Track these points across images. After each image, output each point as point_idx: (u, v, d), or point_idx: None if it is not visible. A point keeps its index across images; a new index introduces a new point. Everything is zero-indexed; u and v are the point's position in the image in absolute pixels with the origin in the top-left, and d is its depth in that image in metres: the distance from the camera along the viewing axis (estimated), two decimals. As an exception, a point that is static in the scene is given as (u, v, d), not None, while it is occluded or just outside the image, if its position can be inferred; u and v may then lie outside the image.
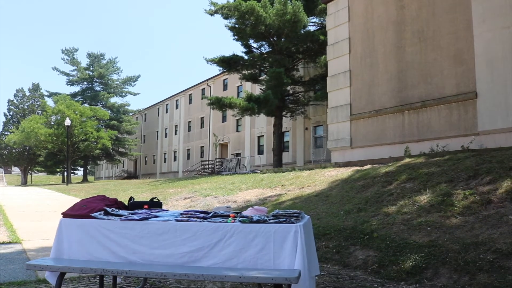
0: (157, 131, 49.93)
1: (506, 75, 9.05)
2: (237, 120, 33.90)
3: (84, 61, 64.49)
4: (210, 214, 3.22)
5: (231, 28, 22.64)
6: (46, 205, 13.73)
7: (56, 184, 40.16)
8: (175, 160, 44.98)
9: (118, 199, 3.87)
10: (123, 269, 2.87)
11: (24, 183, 51.47)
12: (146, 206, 3.84)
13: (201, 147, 40.28)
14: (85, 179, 48.07)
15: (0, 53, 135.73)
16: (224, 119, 36.10)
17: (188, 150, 42.59)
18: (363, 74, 12.47)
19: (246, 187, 12.39)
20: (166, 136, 47.73)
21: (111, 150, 47.63)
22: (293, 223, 2.85)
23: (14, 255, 5.53)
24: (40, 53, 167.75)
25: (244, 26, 21.70)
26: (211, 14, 22.52)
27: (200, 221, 3.06)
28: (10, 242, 6.57)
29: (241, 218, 3.01)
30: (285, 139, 27.71)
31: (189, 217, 3.18)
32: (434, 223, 5.28)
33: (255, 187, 12.06)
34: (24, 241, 6.66)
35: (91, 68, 52.20)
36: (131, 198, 4.07)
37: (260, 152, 31.26)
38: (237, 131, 34.70)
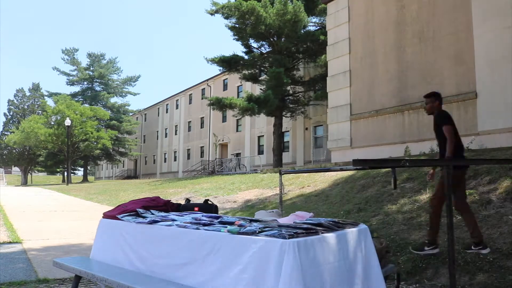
0: (157, 131, 49.93)
1: (506, 75, 9.05)
2: (237, 120, 33.90)
3: (84, 61, 64.45)
4: (218, 220, 2.85)
5: (232, 28, 22.65)
6: (46, 205, 13.74)
7: (56, 184, 40.16)
8: (175, 160, 44.98)
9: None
10: (117, 281, 2.63)
11: (24, 183, 51.48)
12: (196, 209, 3.57)
13: (201, 147, 40.28)
14: (85, 179, 48.07)
15: (0, 53, 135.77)
16: (224, 119, 36.10)
17: (188, 150, 42.59)
18: (363, 74, 12.47)
19: (246, 187, 12.39)
20: (166, 136, 47.72)
21: (111, 150, 47.65)
22: (284, 237, 2.12)
23: (14, 255, 5.53)
24: (40, 53, 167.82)
25: (245, 26, 21.71)
26: (212, 14, 22.55)
27: (195, 229, 2.64)
28: (10, 242, 6.57)
29: (232, 227, 2.48)
30: (285, 139, 27.70)
31: (191, 222, 2.84)
32: (434, 223, 5.28)
33: (255, 187, 12.06)
34: (24, 241, 6.66)
35: (91, 68, 52.22)
36: (186, 199, 3.92)
37: (260, 152, 31.26)
38: (237, 131, 34.70)
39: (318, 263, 2.18)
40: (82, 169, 53.82)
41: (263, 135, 31.04)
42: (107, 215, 3.38)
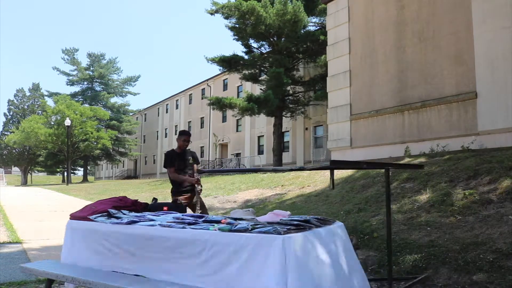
0: (157, 131, 49.92)
1: (506, 75, 9.04)
2: (237, 120, 33.90)
3: (84, 61, 64.40)
4: (202, 219, 2.85)
5: (232, 28, 22.65)
6: (46, 205, 13.74)
7: (56, 184, 40.15)
8: (175, 160, 44.91)
9: (139, 200, 3.69)
10: (100, 282, 2.60)
11: (24, 183, 51.48)
12: (165, 208, 3.60)
13: (201, 147, 40.27)
14: (85, 179, 48.06)
15: (0, 53, 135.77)
16: (224, 119, 36.10)
17: (188, 150, 42.53)
18: (363, 74, 12.47)
19: (246, 187, 12.39)
20: (166, 136, 47.72)
21: (111, 150, 47.66)
22: (279, 233, 2.22)
23: (14, 255, 5.54)
24: (40, 53, 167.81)
25: (245, 26, 21.71)
26: (212, 14, 22.55)
27: (181, 227, 2.64)
28: (10, 242, 6.57)
29: (222, 226, 2.51)
30: (285, 139, 27.70)
31: (175, 222, 2.81)
32: (434, 223, 5.28)
33: (255, 187, 12.07)
34: (24, 241, 6.66)
35: (91, 68, 52.23)
36: (154, 199, 3.93)
37: (260, 152, 31.26)
38: (237, 131, 34.70)
39: (312, 257, 2.30)
40: (82, 169, 53.83)
41: (263, 135, 31.04)
42: (76, 216, 3.29)
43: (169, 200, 4.86)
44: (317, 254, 2.35)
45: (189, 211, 4.69)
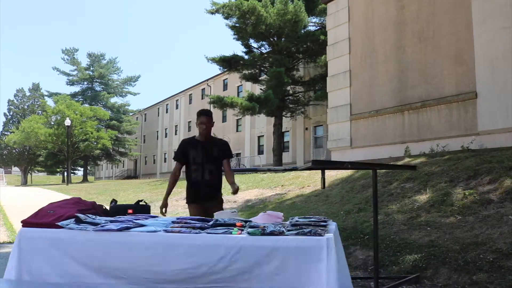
0: (157, 131, 49.92)
1: (506, 75, 9.04)
2: (237, 120, 33.90)
3: (84, 61, 64.29)
4: (210, 223, 2.65)
5: (232, 28, 22.64)
6: (46, 205, 13.73)
7: (56, 184, 40.16)
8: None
9: (97, 202, 3.28)
10: None
11: (24, 183, 51.48)
12: (130, 211, 3.28)
13: (201, 147, 40.24)
14: (85, 179, 48.07)
15: (0, 53, 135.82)
16: (224, 119, 36.10)
17: (188, 150, 42.55)
18: (363, 74, 12.47)
19: (246, 187, 12.39)
20: (166, 136, 47.72)
21: (111, 150, 47.66)
22: (320, 235, 2.27)
23: (14, 255, 5.53)
24: (40, 53, 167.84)
25: (245, 26, 21.70)
26: (212, 13, 22.54)
27: (196, 233, 2.48)
28: (10, 242, 6.57)
29: (250, 229, 2.42)
30: (285, 139, 27.69)
31: (182, 226, 2.61)
32: (434, 223, 5.28)
33: (255, 187, 12.06)
34: (24, 241, 6.65)
35: (91, 68, 52.22)
36: (113, 201, 3.59)
37: (260, 152, 31.26)
38: (237, 131, 34.70)
39: (340, 256, 2.41)
40: (82, 169, 53.83)
41: (263, 135, 31.04)
42: (31, 223, 2.75)
43: (168, 201, 3.99)
44: (339, 253, 2.44)
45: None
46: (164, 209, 3.90)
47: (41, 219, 2.79)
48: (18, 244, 2.67)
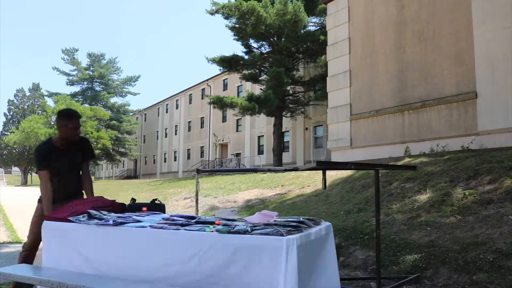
0: (157, 131, 49.93)
1: (506, 75, 9.04)
2: (237, 120, 33.90)
3: (84, 61, 64.40)
4: (194, 220, 2.74)
5: (232, 28, 22.65)
6: (46, 205, 13.73)
7: (56, 184, 40.11)
8: (175, 160, 44.98)
9: (118, 201, 3.48)
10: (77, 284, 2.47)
11: (24, 183, 51.48)
12: (145, 209, 3.44)
13: (201, 147, 40.29)
14: (85, 179, 48.02)
15: (0, 53, 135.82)
16: (224, 119, 36.10)
17: (188, 150, 42.58)
18: (363, 74, 12.47)
19: (246, 187, 12.39)
20: (166, 136, 47.73)
21: (111, 150, 47.65)
22: (282, 235, 2.21)
23: (14, 255, 5.53)
24: (40, 53, 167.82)
25: (245, 26, 21.71)
26: (212, 14, 22.55)
27: (175, 229, 2.55)
28: (10, 242, 6.57)
29: (219, 227, 2.46)
30: (285, 139, 27.70)
31: (165, 223, 2.72)
32: (434, 223, 5.28)
33: (255, 187, 12.07)
34: (24, 241, 6.66)
35: (91, 68, 52.24)
36: (132, 199, 3.75)
37: (260, 152, 31.26)
38: (237, 131, 34.70)
39: (308, 258, 2.34)
40: (82, 169, 53.72)
41: (263, 135, 31.04)
42: (52, 217, 3.09)
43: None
44: (312, 255, 2.40)
45: None
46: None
47: (58, 214, 3.09)
48: (44, 236, 3.07)
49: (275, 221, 2.60)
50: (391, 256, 4.73)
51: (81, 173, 3.74)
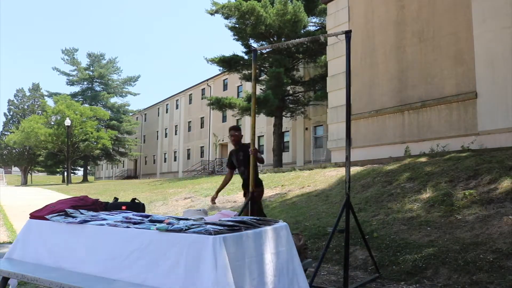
0: (157, 131, 49.91)
1: (506, 75, 9.04)
2: (237, 120, 33.90)
3: (84, 61, 64.45)
4: (148, 219, 2.92)
5: (232, 28, 22.65)
6: (46, 205, 13.73)
7: (56, 184, 40.14)
8: (175, 160, 44.97)
9: (99, 200, 3.71)
10: (34, 276, 2.74)
11: (24, 183, 51.45)
12: (124, 207, 3.61)
13: (201, 147, 40.27)
14: (85, 179, 48.07)
15: (0, 53, 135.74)
16: (224, 119, 36.09)
17: (188, 150, 42.58)
18: (363, 74, 12.47)
19: (246, 187, 12.37)
20: (166, 136, 47.72)
21: (111, 150, 47.62)
22: (210, 234, 2.30)
23: (14, 255, 5.53)
24: (40, 53, 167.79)
25: (245, 26, 21.71)
26: (212, 14, 22.54)
27: (125, 227, 2.74)
28: (10, 242, 6.57)
29: (160, 225, 2.60)
30: (285, 139, 27.69)
31: (123, 221, 2.92)
32: (434, 223, 5.28)
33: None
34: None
35: (91, 68, 52.19)
36: (115, 198, 3.91)
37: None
38: (237, 131, 34.67)
39: (242, 257, 2.39)
40: (82, 169, 53.82)
41: (263, 135, 31.04)
42: (35, 216, 3.31)
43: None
44: (244, 254, 2.42)
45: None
46: (213, 201, 5.52)
47: (40, 212, 3.27)
48: (21, 231, 3.31)
49: (220, 220, 2.70)
50: (391, 256, 4.73)
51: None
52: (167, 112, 47.91)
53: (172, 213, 9.70)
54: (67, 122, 33.73)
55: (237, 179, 15.82)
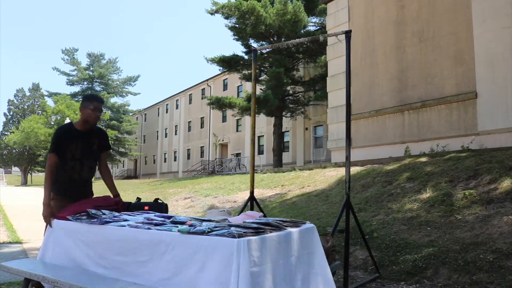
0: (157, 131, 49.92)
1: (506, 75, 9.05)
2: (237, 120, 33.90)
3: (84, 61, 64.40)
4: (170, 220, 2.86)
5: (232, 28, 22.66)
6: (46, 205, 13.73)
7: (56, 184, 40.08)
8: (175, 160, 44.97)
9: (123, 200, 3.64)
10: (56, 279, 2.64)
11: (24, 183, 51.46)
12: (146, 208, 3.54)
13: (201, 147, 40.28)
14: (85, 179, 48.00)
15: (0, 53, 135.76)
16: (224, 119, 36.10)
17: (188, 150, 42.58)
18: (363, 74, 12.47)
19: (246, 187, 12.38)
20: (166, 136, 47.72)
21: (111, 150, 47.63)
22: (234, 237, 2.20)
23: (14, 255, 5.53)
24: (40, 53, 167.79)
25: (245, 26, 21.72)
26: (212, 14, 22.56)
27: (147, 229, 2.67)
28: (10, 242, 6.57)
29: (182, 227, 2.50)
30: (285, 139, 27.70)
31: (144, 223, 2.86)
32: (434, 223, 5.28)
33: (255, 187, 12.05)
34: (24, 241, 6.66)
35: (91, 68, 52.17)
36: (137, 198, 3.85)
37: (260, 152, 31.25)
38: (237, 131, 34.70)
39: (266, 260, 2.28)
40: (82, 169, 53.69)
41: (263, 135, 31.04)
42: (60, 216, 3.28)
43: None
44: (268, 257, 2.33)
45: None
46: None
47: (64, 213, 3.27)
48: (48, 233, 3.28)
49: (244, 222, 2.62)
50: (391, 256, 4.73)
51: (98, 165, 3.79)
52: (167, 112, 47.91)
53: (172, 213, 9.69)
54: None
55: (237, 179, 15.86)
